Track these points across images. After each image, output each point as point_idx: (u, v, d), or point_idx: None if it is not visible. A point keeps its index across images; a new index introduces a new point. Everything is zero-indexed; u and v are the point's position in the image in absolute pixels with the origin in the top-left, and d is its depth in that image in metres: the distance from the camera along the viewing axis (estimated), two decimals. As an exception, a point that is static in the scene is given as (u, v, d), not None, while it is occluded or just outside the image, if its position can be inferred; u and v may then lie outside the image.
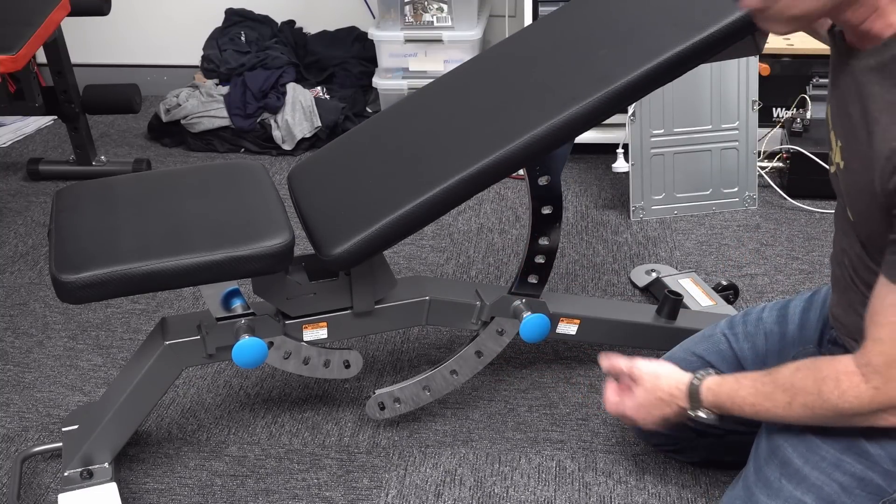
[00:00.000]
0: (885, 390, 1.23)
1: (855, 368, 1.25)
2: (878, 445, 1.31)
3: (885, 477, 1.32)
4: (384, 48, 3.10)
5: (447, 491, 1.76)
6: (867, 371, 1.24)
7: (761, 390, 1.36)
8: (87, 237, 1.56)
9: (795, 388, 1.31)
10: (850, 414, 1.27)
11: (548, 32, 1.84)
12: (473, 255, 2.52)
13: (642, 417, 1.52)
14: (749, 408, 1.37)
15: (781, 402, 1.33)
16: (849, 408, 1.26)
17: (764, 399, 1.35)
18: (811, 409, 1.30)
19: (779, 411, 1.34)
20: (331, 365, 1.75)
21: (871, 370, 1.23)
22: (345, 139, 1.87)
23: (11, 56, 2.36)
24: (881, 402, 1.24)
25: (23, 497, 1.76)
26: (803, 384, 1.30)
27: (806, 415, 1.31)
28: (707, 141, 2.63)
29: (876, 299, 1.22)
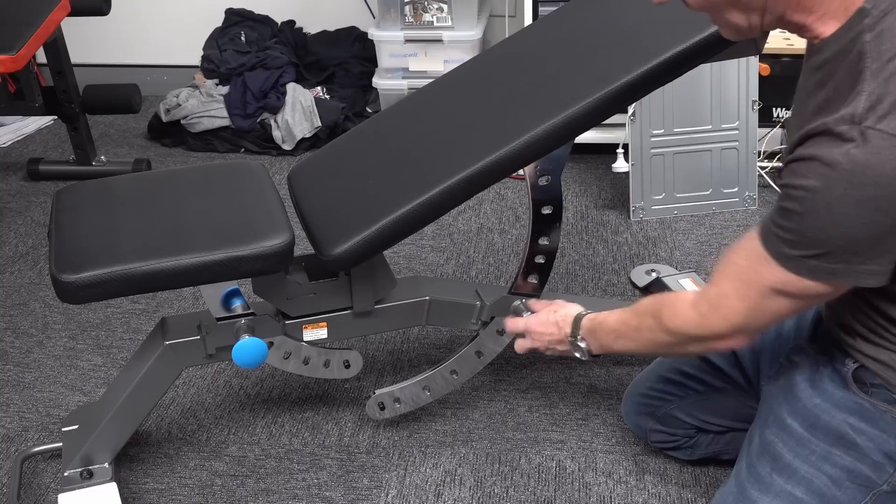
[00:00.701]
0: (708, 318, 1.31)
1: (692, 298, 1.35)
2: (866, 437, 1.33)
3: (874, 469, 1.33)
4: (384, 48, 3.10)
5: (447, 491, 1.76)
6: (700, 299, 1.33)
7: (622, 318, 1.48)
8: (87, 237, 1.56)
9: (645, 311, 1.43)
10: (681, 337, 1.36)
11: (548, 32, 1.84)
12: (473, 255, 2.52)
13: (539, 336, 1.64)
14: (611, 334, 1.50)
15: (633, 327, 1.45)
16: (677, 330, 1.36)
17: (621, 325, 1.48)
18: (651, 333, 1.41)
19: (631, 334, 1.46)
20: (331, 365, 1.75)
21: (703, 299, 1.33)
22: (345, 139, 1.87)
23: (11, 56, 2.36)
24: (702, 326, 1.33)
25: (23, 497, 1.76)
26: (650, 308, 1.42)
27: (649, 339, 1.42)
28: (707, 141, 2.63)
29: (740, 241, 1.29)
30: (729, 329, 1.31)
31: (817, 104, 1.18)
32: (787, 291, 1.21)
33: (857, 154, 1.08)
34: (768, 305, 1.25)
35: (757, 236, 1.25)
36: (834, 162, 1.09)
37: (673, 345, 1.40)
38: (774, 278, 1.21)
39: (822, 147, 1.11)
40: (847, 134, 1.09)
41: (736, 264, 1.29)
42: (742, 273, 1.27)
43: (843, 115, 1.10)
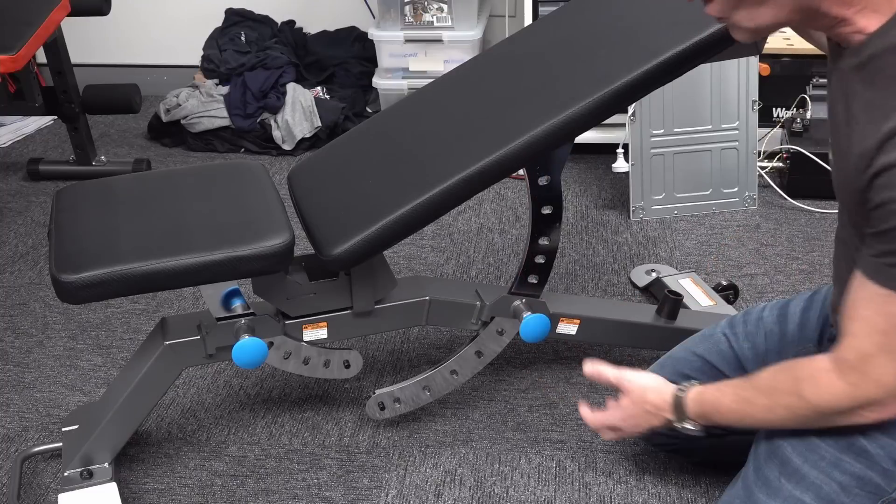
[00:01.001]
0: (860, 386, 1.22)
1: (830, 366, 1.25)
2: (877, 444, 1.31)
3: (884, 476, 1.32)
4: (384, 48, 3.10)
5: (447, 491, 1.76)
6: (842, 367, 1.23)
7: (742, 396, 1.37)
8: (87, 237, 1.56)
9: (775, 390, 1.32)
10: (829, 413, 1.27)
11: (548, 32, 1.84)
12: (473, 255, 2.52)
13: (629, 428, 1.54)
14: (733, 415, 1.39)
15: (763, 406, 1.34)
16: (826, 406, 1.26)
17: (746, 405, 1.36)
18: (792, 411, 1.31)
19: (761, 415, 1.35)
20: (331, 365, 1.75)
21: (845, 366, 1.23)
22: (345, 139, 1.87)
23: (11, 56, 2.37)
24: (857, 398, 1.24)
25: (23, 497, 1.76)
26: (782, 386, 1.31)
27: (788, 417, 1.32)
28: (707, 141, 2.63)
29: (850, 294, 1.22)
30: (885, 393, 1.21)
31: (870, 102, 1.13)
32: None
33: None
34: None
35: (868, 280, 1.17)
36: None
37: (816, 420, 1.30)
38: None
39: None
40: None
41: (864, 320, 1.19)
42: (875, 325, 1.18)
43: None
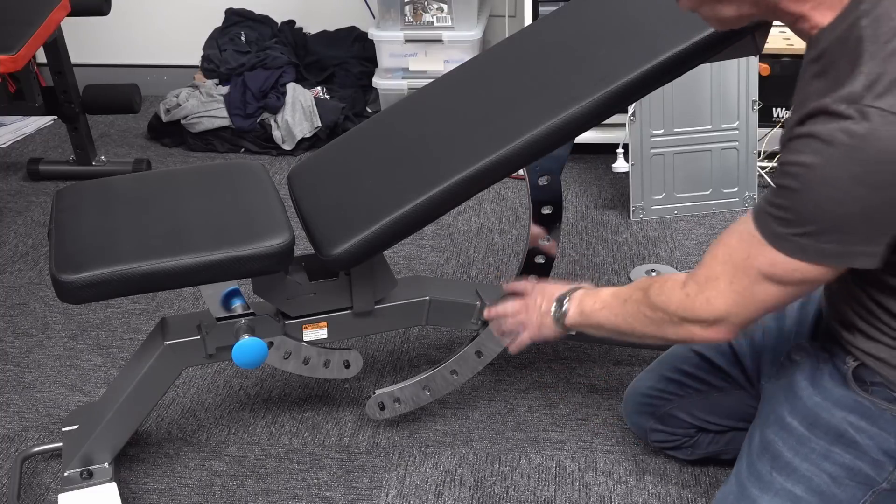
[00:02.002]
0: (692, 298, 1.29)
1: (682, 278, 1.33)
2: (866, 435, 1.33)
3: (873, 466, 1.33)
4: (384, 48, 3.10)
5: (447, 491, 1.76)
6: (688, 280, 1.31)
7: (615, 290, 1.46)
8: (87, 237, 1.56)
9: (636, 285, 1.41)
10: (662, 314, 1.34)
11: (548, 32, 1.84)
12: (473, 255, 2.52)
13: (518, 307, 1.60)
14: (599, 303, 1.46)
15: (620, 297, 1.43)
16: (660, 306, 1.34)
17: (611, 296, 1.45)
18: (636, 306, 1.39)
19: (615, 306, 1.43)
20: (331, 365, 1.75)
21: (691, 279, 1.30)
22: (345, 139, 1.87)
23: (11, 56, 2.36)
24: (686, 308, 1.30)
25: (23, 497, 1.76)
26: (641, 283, 1.40)
27: (632, 311, 1.39)
28: (707, 141, 2.63)
29: (733, 224, 1.28)
30: (711, 315, 1.28)
31: (816, 91, 1.17)
32: (776, 276, 1.20)
33: (855, 130, 1.08)
34: (756, 292, 1.23)
35: (750, 218, 1.24)
36: (831, 138, 1.10)
37: (652, 322, 1.37)
38: (764, 260, 1.20)
39: (819, 125, 1.11)
40: (846, 112, 1.09)
41: (727, 246, 1.27)
42: (733, 255, 1.25)
43: (841, 94, 1.10)
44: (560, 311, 1.51)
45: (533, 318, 1.57)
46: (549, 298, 1.55)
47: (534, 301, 1.58)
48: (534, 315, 1.57)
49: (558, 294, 1.54)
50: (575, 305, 1.50)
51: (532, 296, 1.59)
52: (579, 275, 2.40)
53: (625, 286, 1.46)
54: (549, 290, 1.57)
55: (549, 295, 1.56)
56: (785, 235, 1.17)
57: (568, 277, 2.39)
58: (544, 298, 1.56)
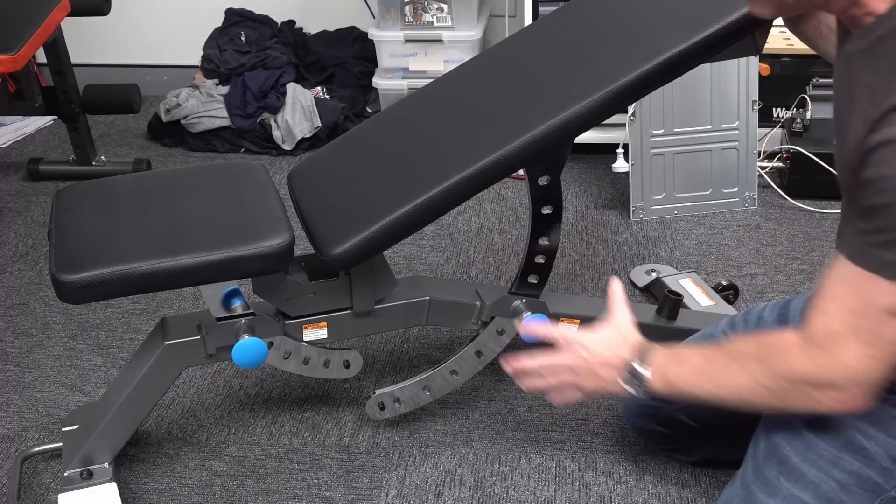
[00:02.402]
0: (823, 365, 1.19)
1: (798, 339, 1.22)
2: (875, 443, 1.32)
3: (882, 474, 1.32)
4: (384, 48, 3.10)
5: (447, 491, 1.76)
6: (809, 343, 1.20)
7: (710, 356, 1.32)
8: (87, 237, 1.56)
9: (742, 354, 1.28)
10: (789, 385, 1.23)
11: (548, 32, 1.84)
12: (473, 255, 2.52)
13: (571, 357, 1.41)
14: (691, 372, 1.32)
15: (726, 369, 1.29)
16: (783, 375, 1.23)
17: (709, 364, 1.31)
18: (753, 378, 1.26)
19: (723, 378, 1.29)
20: (331, 365, 1.75)
21: (812, 343, 1.20)
22: (345, 139, 1.87)
23: (11, 56, 2.36)
24: (818, 377, 1.20)
25: (23, 497, 1.76)
26: (748, 350, 1.27)
27: (747, 384, 1.26)
28: (707, 141, 2.63)
29: (828, 272, 1.20)
30: (846, 376, 1.17)
31: (871, 84, 1.11)
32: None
33: None
34: (886, 334, 1.13)
35: (846, 259, 1.14)
36: None
37: (773, 394, 1.24)
38: (884, 295, 1.11)
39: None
40: None
41: (835, 297, 1.16)
42: (846, 303, 1.15)
43: None
44: (637, 381, 1.36)
45: (587, 382, 1.40)
46: (610, 361, 1.38)
47: (581, 359, 1.40)
48: (587, 378, 1.40)
49: (625, 358, 1.37)
50: (657, 375, 1.35)
51: (575, 352, 1.41)
52: (579, 275, 2.40)
53: (713, 348, 1.32)
54: (606, 349, 1.39)
55: (604, 354, 1.39)
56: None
57: (568, 277, 2.39)
58: (600, 360, 1.39)
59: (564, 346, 1.42)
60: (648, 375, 1.35)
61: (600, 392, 1.42)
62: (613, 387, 1.39)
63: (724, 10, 1.53)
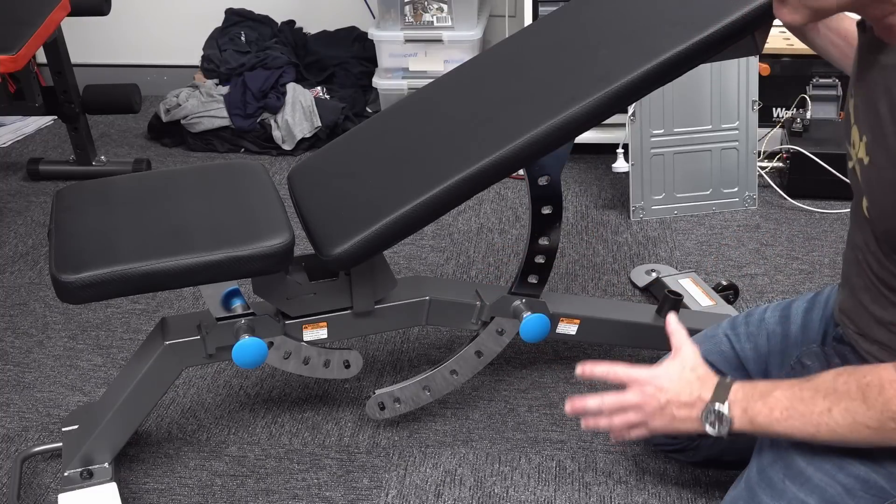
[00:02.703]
0: None
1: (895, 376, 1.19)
2: (881, 447, 1.31)
3: (888, 479, 1.31)
4: (384, 48, 3.10)
5: (447, 491, 1.76)
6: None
7: (798, 394, 1.26)
8: (87, 237, 1.56)
9: (837, 392, 1.23)
10: (894, 424, 1.20)
11: (548, 32, 1.84)
12: (473, 255, 2.52)
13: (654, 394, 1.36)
14: (779, 412, 1.27)
15: (820, 407, 1.24)
16: (892, 416, 1.19)
17: (801, 404, 1.26)
18: (852, 416, 1.22)
19: (816, 417, 1.24)
20: (331, 365, 1.75)
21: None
22: (345, 139, 1.87)
23: (11, 56, 2.36)
24: None
25: (23, 497, 1.76)
26: (845, 389, 1.23)
27: (845, 424, 1.23)
28: (707, 141, 2.63)
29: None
30: None
31: None
32: None
33: None
34: None
35: None
36: None
37: (877, 431, 1.21)
38: None
39: None
40: None
41: None
42: None
43: None
44: (718, 421, 1.32)
45: (655, 421, 1.37)
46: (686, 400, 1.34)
47: (652, 398, 1.36)
48: (656, 417, 1.36)
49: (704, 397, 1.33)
50: (740, 414, 1.30)
51: (644, 391, 1.37)
52: (579, 275, 2.40)
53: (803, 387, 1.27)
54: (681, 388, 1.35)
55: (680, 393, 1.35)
56: None
57: (568, 277, 2.39)
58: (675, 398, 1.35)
59: (632, 385, 1.39)
60: (731, 415, 1.31)
61: (670, 431, 1.38)
62: (689, 426, 1.36)
63: (724, 10, 1.53)
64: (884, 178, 1.21)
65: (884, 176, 1.21)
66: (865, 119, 1.25)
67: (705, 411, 1.33)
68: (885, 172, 1.20)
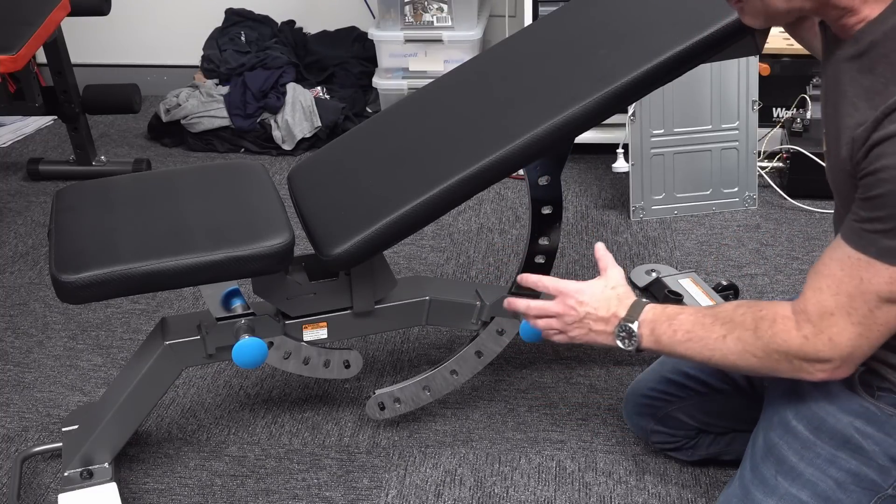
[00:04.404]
0: (812, 340, 1.23)
1: (791, 314, 1.25)
2: (872, 441, 1.32)
3: (879, 472, 1.32)
4: (384, 48, 3.10)
5: (447, 491, 1.76)
6: (801, 318, 1.24)
7: (700, 320, 1.34)
8: (87, 237, 1.56)
9: (734, 322, 1.30)
10: (777, 356, 1.27)
11: (548, 32, 1.84)
12: (473, 255, 2.52)
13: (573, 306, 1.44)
14: (681, 334, 1.35)
15: (717, 333, 1.31)
16: (776, 348, 1.26)
17: (699, 327, 1.33)
18: (743, 345, 1.29)
19: (712, 342, 1.32)
20: (331, 365, 1.75)
21: (804, 318, 1.24)
22: (345, 139, 1.87)
23: (11, 56, 2.36)
24: (807, 351, 1.24)
25: (23, 497, 1.76)
26: (741, 320, 1.30)
27: (736, 351, 1.30)
28: (707, 141, 2.63)
29: (825, 253, 1.23)
30: (837, 354, 1.22)
31: (870, 88, 1.15)
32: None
33: None
34: (878, 318, 1.18)
35: (846, 243, 1.18)
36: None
37: (762, 362, 1.28)
38: (880, 281, 1.15)
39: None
40: None
41: (831, 277, 1.20)
42: (842, 285, 1.18)
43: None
44: (628, 337, 1.40)
45: (575, 331, 1.45)
46: (603, 315, 1.42)
47: (570, 308, 1.44)
48: (574, 327, 1.45)
49: (619, 314, 1.41)
50: (648, 333, 1.38)
51: (564, 302, 1.45)
52: (579, 275, 2.40)
53: (706, 314, 1.34)
54: (599, 303, 1.43)
55: (598, 308, 1.42)
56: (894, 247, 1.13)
57: (568, 277, 2.39)
58: (593, 312, 1.43)
59: (558, 296, 1.47)
60: (640, 333, 1.39)
61: (587, 342, 1.46)
62: (603, 339, 1.44)
63: (725, 10, 1.53)
64: (838, 163, 1.23)
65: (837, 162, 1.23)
66: (825, 113, 1.28)
67: (617, 327, 1.41)
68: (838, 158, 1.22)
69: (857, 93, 1.18)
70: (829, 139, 1.27)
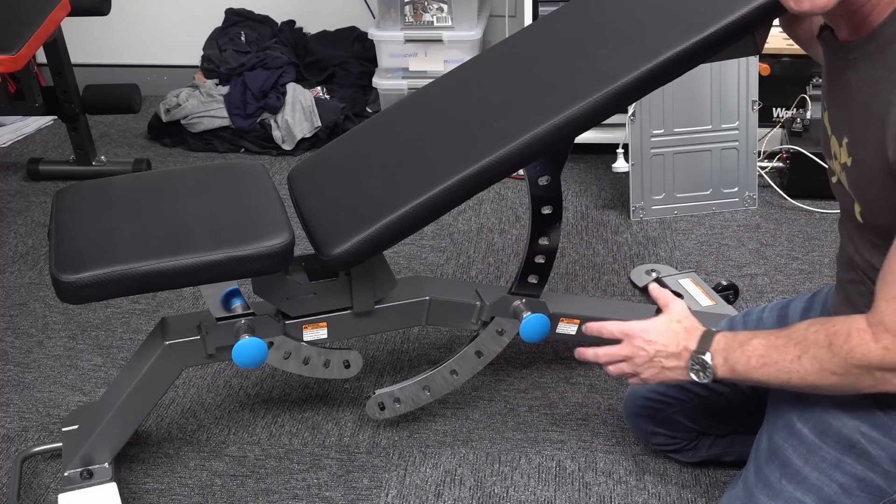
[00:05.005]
0: (892, 350, 1.20)
1: (866, 326, 1.23)
2: (878, 446, 1.31)
3: (885, 477, 1.32)
4: (384, 48, 3.10)
5: (447, 491, 1.76)
6: (878, 330, 1.21)
7: (773, 343, 1.31)
8: (87, 237, 1.56)
9: (807, 341, 1.27)
10: (857, 370, 1.23)
11: (548, 32, 1.84)
12: (473, 255, 2.52)
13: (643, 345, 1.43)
14: (756, 360, 1.32)
15: (792, 355, 1.28)
16: (855, 362, 1.23)
17: (774, 351, 1.30)
18: (820, 364, 1.26)
19: (787, 364, 1.29)
20: (331, 365, 1.75)
21: (881, 329, 1.21)
22: (345, 139, 1.87)
23: (11, 56, 2.36)
24: (888, 362, 1.21)
25: (23, 497, 1.76)
26: (814, 338, 1.27)
27: (813, 370, 1.26)
28: (707, 141, 2.63)
29: (890, 261, 1.20)
30: None
31: None
32: None
33: None
34: None
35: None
36: None
37: (843, 379, 1.25)
38: None
39: None
40: None
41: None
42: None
43: None
44: (702, 370, 1.37)
45: (648, 371, 1.43)
46: (673, 351, 1.40)
47: (640, 350, 1.42)
48: (646, 368, 1.42)
49: (690, 347, 1.39)
50: (721, 363, 1.35)
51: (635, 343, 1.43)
52: (579, 275, 2.40)
53: (778, 336, 1.31)
54: (668, 340, 1.41)
55: (667, 344, 1.40)
56: None
57: (568, 277, 2.39)
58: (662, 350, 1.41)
59: (624, 339, 1.45)
60: (714, 363, 1.36)
61: (661, 380, 1.44)
62: (677, 375, 1.41)
63: (724, 10, 1.53)
64: (872, 169, 1.21)
65: (871, 168, 1.22)
66: (843, 121, 1.27)
67: (690, 360, 1.38)
68: (872, 163, 1.21)
69: (890, 88, 1.16)
70: (855, 144, 1.24)
